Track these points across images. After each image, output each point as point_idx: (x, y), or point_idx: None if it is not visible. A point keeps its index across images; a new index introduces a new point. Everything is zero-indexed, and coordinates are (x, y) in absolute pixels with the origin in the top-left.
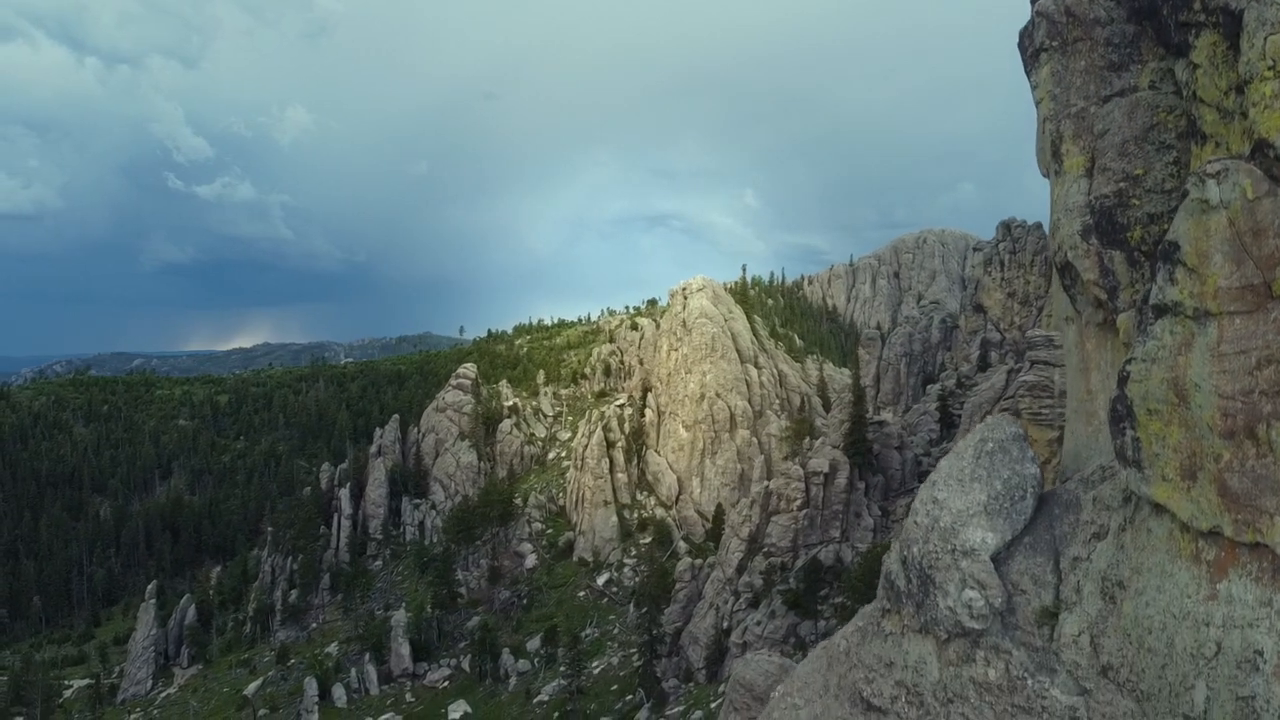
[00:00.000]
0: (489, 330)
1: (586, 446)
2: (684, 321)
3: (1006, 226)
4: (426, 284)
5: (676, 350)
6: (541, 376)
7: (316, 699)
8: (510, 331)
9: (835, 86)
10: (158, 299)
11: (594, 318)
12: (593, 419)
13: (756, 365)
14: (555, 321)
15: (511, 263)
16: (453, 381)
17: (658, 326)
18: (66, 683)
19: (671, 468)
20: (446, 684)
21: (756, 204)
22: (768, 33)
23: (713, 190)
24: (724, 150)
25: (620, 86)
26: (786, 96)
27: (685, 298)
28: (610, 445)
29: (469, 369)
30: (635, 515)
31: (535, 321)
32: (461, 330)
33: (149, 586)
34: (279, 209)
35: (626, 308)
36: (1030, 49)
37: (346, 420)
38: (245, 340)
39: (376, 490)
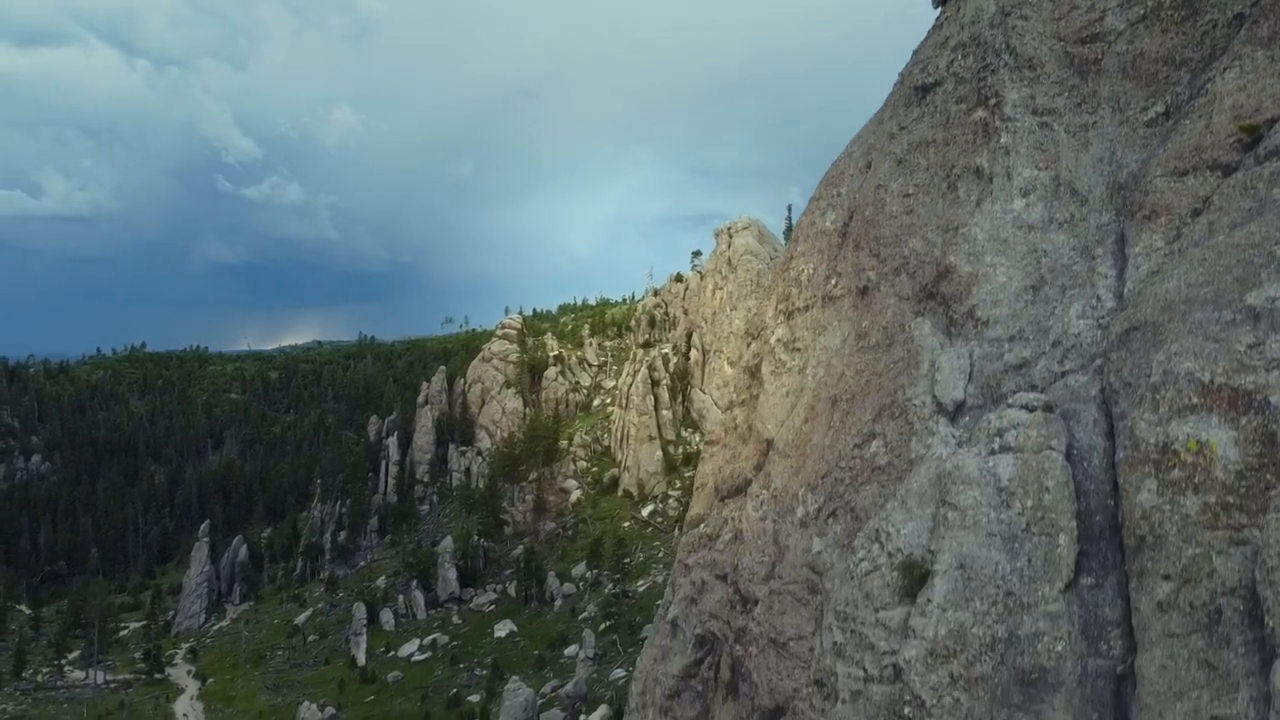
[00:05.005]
0: (534, 309)
1: (631, 385)
2: (729, 260)
3: None
4: (471, 283)
5: (721, 289)
6: (586, 329)
7: (365, 623)
8: (555, 311)
9: (882, 82)
10: (209, 299)
11: (638, 296)
12: (637, 358)
13: None
14: (600, 300)
15: (553, 263)
16: (499, 332)
17: (701, 278)
18: (123, 625)
19: (716, 404)
20: (493, 607)
21: (801, 202)
22: (812, 30)
23: (756, 189)
24: (768, 148)
25: (662, 85)
26: (832, 93)
27: (730, 236)
28: (655, 384)
29: (514, 319)
30: (680, 450)
31: (580, 301)
32: (506, 311)
33: (202, 525)
34: (326, 210)
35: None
36: None
37: (394, 393)
38: (295, 339)
39: (424, 437)
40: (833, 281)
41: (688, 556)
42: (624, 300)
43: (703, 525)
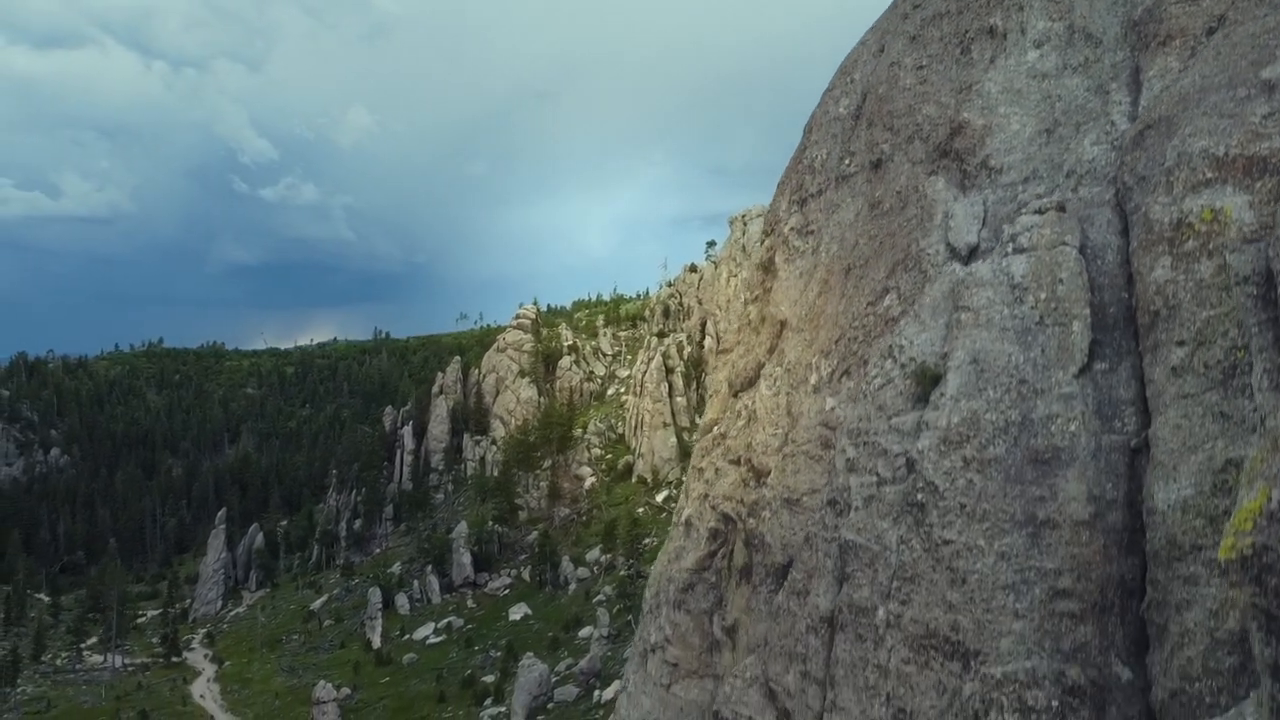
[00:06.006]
0: (548, 305)
1: (645, 372)
2: (743, 247)
3: None
4: (485, 283)
5: (736, 276)
6: (601, 320)
7: (380, 607)
8: (569, 307)
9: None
10: (226, 300)
11: (652, 293)
12: (651, 346)
13: None
14: (614, 296)
15: (567, 262)
16: (513, 321)
17: (715, 267)
18: (140, 613)
19: None
20: (507, 591)
21: None
22: (823, 24)
23: (770, 187)
24: (781, 145)
25: (675, 84)
26: None
27: (745, 224)
28: (669, 371)
29: (529, 309)
30: (694, 437)
31: (595, 297)
32: (521, 306)
33: (219, 513)
34: (341, 210)
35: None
36: None
37: (409, 388)
38: (312, 339)
39: (438, 427)
40: (846, 161)
41: (701, 460)
42: (638, 296)
43: (716, 428)
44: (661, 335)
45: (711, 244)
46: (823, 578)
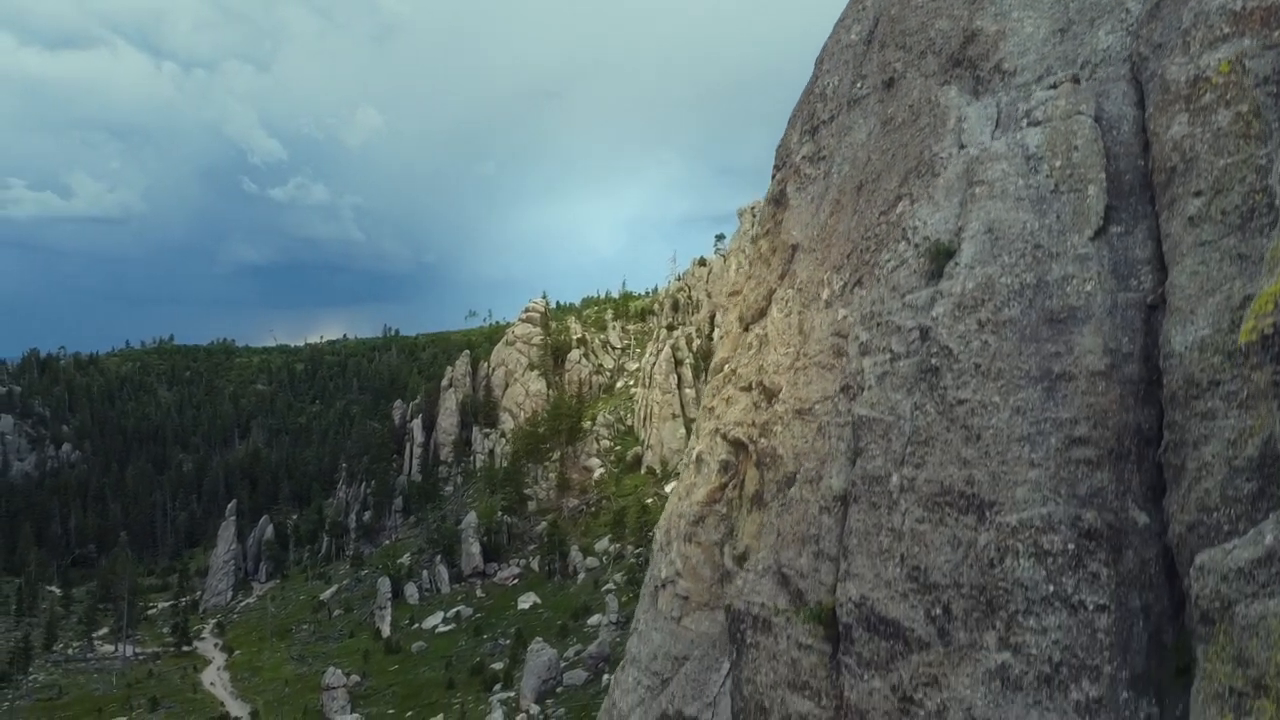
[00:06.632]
0: (557, 302)
1: (655, 364)
2: (752, 239)
3: None
4: (494, 282)
5: (744, 267)
6: (610, 313)
7: (389, 597)
8: (579, 304)
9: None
10: (236, 299)
11: (661, 289)
12: (660, 339)
13: None
14: (623, 293)
15: (576, 262)
16: (522, 315)
17: (724, 259)
18: (151, 605)
19: None
20: (516, 581)
21: None
22: (831, 18)
23: None
24: None
25: (684, 84)
26: None
27: (754, 215)
28: (678, 363)
29: (539, 302)
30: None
31: (604, 294)
32: (530, 300)
33: (229, 505)
34: (350, 210)
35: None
36: None
37: (418, 384)
38: (322, 336)
39: (448, 420)
40: (858, 85)
41: (711, 399)
42: (646, 293)
43: (726, 366)
44: (670, 328)
45: (720, 238)
46: (835, 460)
